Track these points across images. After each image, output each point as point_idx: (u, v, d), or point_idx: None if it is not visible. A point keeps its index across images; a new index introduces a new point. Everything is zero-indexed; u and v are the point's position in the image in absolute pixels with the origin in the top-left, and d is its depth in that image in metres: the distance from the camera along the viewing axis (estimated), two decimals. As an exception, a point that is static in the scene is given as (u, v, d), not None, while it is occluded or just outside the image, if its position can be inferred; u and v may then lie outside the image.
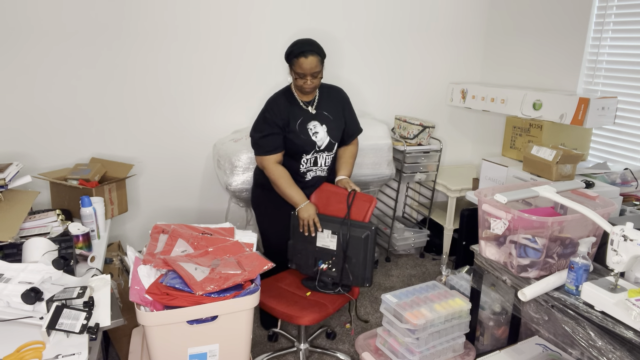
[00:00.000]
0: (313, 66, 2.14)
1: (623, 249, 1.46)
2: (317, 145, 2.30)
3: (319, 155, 2.33)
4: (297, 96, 2.31)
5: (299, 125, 2.28)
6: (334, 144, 2.36)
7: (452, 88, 3.36)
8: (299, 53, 2.13)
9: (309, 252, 2.25)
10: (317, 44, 2.19)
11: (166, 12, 2.77)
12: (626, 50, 2.63)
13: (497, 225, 1.79)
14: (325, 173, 2.41)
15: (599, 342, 1.50)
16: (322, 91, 2.36)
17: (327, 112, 2.33)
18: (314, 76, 2.18)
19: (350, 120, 2.43)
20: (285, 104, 2.29)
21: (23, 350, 1.28)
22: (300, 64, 2.14)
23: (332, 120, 2.33)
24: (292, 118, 2.28)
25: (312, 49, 2.14)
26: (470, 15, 3.50)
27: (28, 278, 1.51)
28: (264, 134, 2.26)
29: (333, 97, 2.38)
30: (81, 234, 1.90)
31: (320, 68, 2.19)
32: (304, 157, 2.32)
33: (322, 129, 2.31)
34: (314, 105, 2.33)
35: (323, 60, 2.21)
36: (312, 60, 2.13)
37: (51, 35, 2.59)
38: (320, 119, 2.32)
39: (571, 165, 2.36)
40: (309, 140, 2.28)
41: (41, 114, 2.67)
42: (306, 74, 2.16)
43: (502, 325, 2.28)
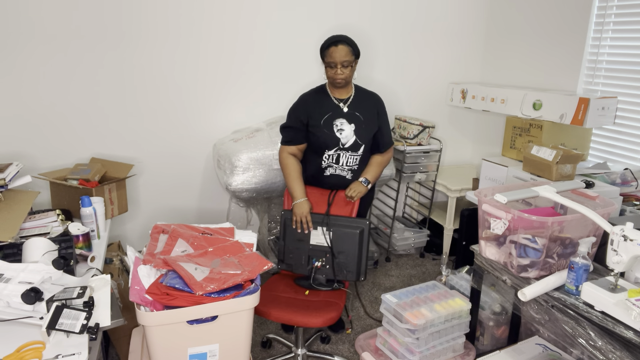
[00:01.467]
0: (343, 55, 2.19)
1: (623, 249, 1.46)
2: (341, 142, 2.31)
3: (342, 153, 2.33)
4: (331, 92, 2.36)
5: (324, 121, 2.31)
6: (361, 145, 2.34)
7: (452, 88, 3.36)
8: (330, 43, 2.21)
9: (302, 251, 2.28)
10: (350, 38, 2.26)
11: (166, 13, 2.77)
12: (626, 50, 2.63)
13: (497, 225, 1.79)
14: (347, 174, 2.38)
15: (599, 342, 1.50)
16: (358, 92, 2.39)
17: (359, 113, 2.34)
18: (344, 66, 2.22)
19: (385, 130, 2.42)
20: (314, 100, 2.35)
21: (23, 350, 1.28)
22: (330, 53, 2.21)
23: (362, 122, 2.33)
24: (319, 112, 2.32)
25: (343, 39, 2.21)
26: (470, 15, 3.50)
27: (28, 278, 1.51)
28: (286, 125, 2.37)
29: (369, 100, 2.39)
30: (81, 234, 1.90)
31: (352, 59, 2.23)
32: (326, 153, 2.33)
33: (349, 128, 2.31)
34: (348, 103, 2.35)
35: (356, 54, 2.24)
36: (343, 49, 2.19)
37: (51, 36, 2.59)
38: (350, 117, 2.32)
39: (571, 165, 2.36)
40: (332, 135, 2.30)
41: (41, 114, 2.67)
42: (336, 62, 2.21)
43: (502, 325, 2.28)
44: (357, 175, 2.40)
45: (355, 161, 2.37)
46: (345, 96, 2.36)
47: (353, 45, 2.24)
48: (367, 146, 2.37)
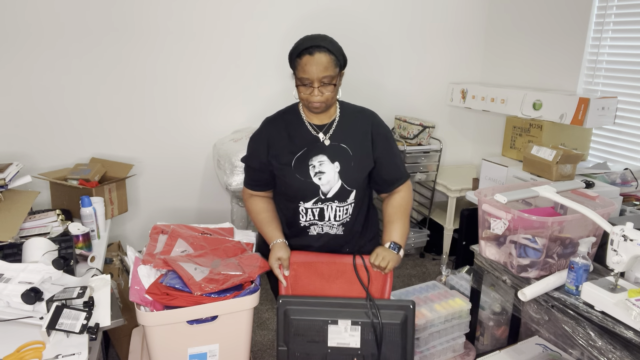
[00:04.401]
0: (321, 68, 1.52)
1: (623, 249, 1.46)
2: (322, 191, 1.64)
3: (326, 205, 1.66)
4: (306, 116, 1.69)
5: (297, 160, 1.64)
6: (350, 192, 1.66)
7: (452, 88, 3.36)
8: (302, 50, 1.54)
9: (315, 358, 1.54)
10: (332, 40, 1.59)
11: (165, 12, 2.77)
12: (626, 50, 2.63)
13: (497, 225, 1.79)
14: (339, 231, 1.72)
15: (599, 342, 1.50)
16: (345, 113, 1.71)
17: (347, 145, 1.66)
18: (325, 83, 1.55)
19: (388, 161, 1.71)
20: (280, 129, 1.69)
21: (23, 350, 1.28)
22: (303, 65, 1.54)
23: (350, 157, 1.65)
24: (288, 148, 1.66)
25: (322, 45, 1.53)
26: (470, 15, 3.50)
27: (28, 278, 1.51)
28: (245, 160, 1.78)
29: (360, 124, 1.70)
30: (81, 234, 1.90)
31: (335, 73, 1.56)
32: (302, 206, 1.67)
33: (332, 169, 1.63)
34: (330, 132, 1.67)
35: (340, 64, 1.59)
36: (321, 59, 1.52)
37: (51, 36, 2.58)
38: (332, 153, 1.65)
39: (571, 165, 2.36)
40: (309, 182, 1.63)
41: (41, 114, 2.67)
42: (312, 79, 1.53)
43: (502, 325, 2.28)
44: (353, 228, 1.75)
45: (347, 212, 1.70)
46: (327, 121, 1.68)
47: (337, 53, 1.56)
48: (362, 190, 1.71)
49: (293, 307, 1.53)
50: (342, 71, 1.62)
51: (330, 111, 1.69)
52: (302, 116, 1.70)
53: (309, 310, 1.53)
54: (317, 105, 1.58)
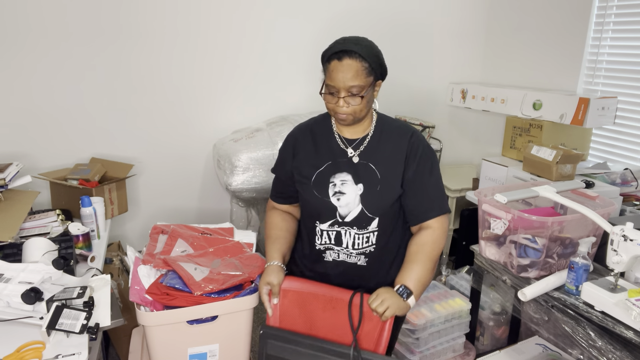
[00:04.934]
0: (349, 76, 1.37)
1: (623, 249, 1.46)
2: (339, 213, 1.49)
3: (344, 230, 1.50)
4: (336, 128, 1.55)
5: (318, 175, 1.51)
6: (372, 219, 1.48)
7: (452, 88, 3.36)
8: (332, 55, 1.39)
9: None
10: (369, 44, 1.45)
11: (166, 12, 2.77)
12: (626, 50, 2.63)
13: (497, 225, 1.79)
14: (361, 261, 1.53)
15: (599, 342, 1.50)
16: (381, 129, 1.54)
17: (376, 166, 1.49)
18: (353, 94, 1.39)
19: (417, 188, 1.49)
20: (309, 140, 1.56)
21: (23, 350, 1.28)
22: (330, 72, 1.39)
23: (377, 180, 1.47)
24: (312, 161, 1.53)
25: (353, 49, 1.38)
26: (470, 15, 3.50)
27: (28, 278, 1.51)
28: (274, 171, 1.68)
29: (396, 143, 1.51)
30: (81, 234, 1.90)
31: (365, 83, 1.39)
32: (318, 226, 1.53)
33: (354, 190, 1.48)
34: (360, 148, 1.51)
35: (375, 73, 1.43)
36: (350, 65, 1.37)
37: (51, 36, 2.58)
38: (358, 173, 1.49)
39: (571, 165, 2.36)
40: (326, 202, 1.49)
41: (41, 114, 2.67)
42: (338, 87, 1.38)
43: (502, 325, 2.28)
44: (381, 260, 1.54)
45: (368, 241, 1.51)
46: (359, 135, 1.53)
47: (371, 59, 1.41)
48: (389, 218, 1.51)
49: (273, 341, 1.45)
50: (378, 81, 1.47)
51: (364, 124, 1.53)
52: (333, 127, 1.55)
53: (289, 349, 1.42)
54: (343, 117, 1.43)
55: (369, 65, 1.40)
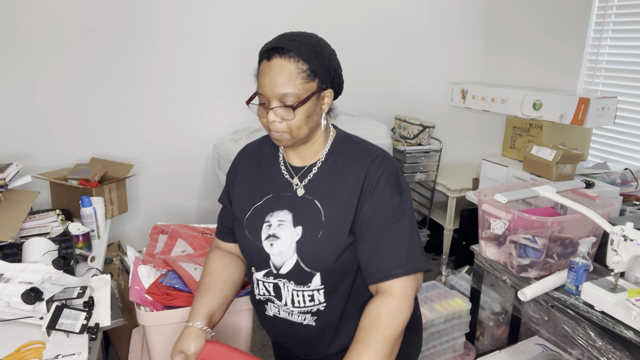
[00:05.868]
0: (279, 81, 1.05)
1: (623, 249, 1.46)
2: (272, 262, 1.16)
3: (282, 283, 1.17)
4: (283, 151, 1.23)
5: (254, 211, 1.20)
6: (312, 275, 1.13)
7: (452, 88, 3.36)
8: (262, 54, 1.12)
9: None
10: (313, 42, 1.09)
11: (165, 11, 2.77)
12: (626, 50, 2.63)
13: (497, 225, 1.79)
14: (304, 319, 1.18)
15: (599, 342, 1.50)
16: (336, 153, 1.18)
17: (322, 203, 1.14)
18: (286, 104, 1.06)
19: (377, 240, 1.11)
20: (252, 165, 1.27)
21: (23, 350, 1.28)
22: (259, 75, 1.11)
23: (320, 224, 1.12)
24: (250, 193, 1.24)
25: (287, 46, 1.06)
26: (470, 15, 3.50)
27: (28, 278, 1.51)
28: (221, 203, 1.38)
29: (352, 173, 1.14)
30: (81, 234, 1.90)
31: (302, 91, 1.06)
32: (254, 275, 1.22)
33: (290, 235, 1.14)
34: (307, 177, 1.18)
35: (320, 78, 1.09)
36: (281, 67, 1.05)
37: (51, 36, 2.58)
38: (300, 211, 1.15)
39: (571, 165, 2.36)
40: (257, 246, 1.18)
41: (41, 114, 2.67)
42: (267, 96, 1.07)
43: (502, 325, 2.28)
44: (333, 321, 1.18)
45: (313, 300, 1.16)
46: (308, 161, 1.19)
47: (312, 60, 1.06)
48: (334, 275, 1.14)
49: None
50: (325, 90, 1.11)
51: (315, 147, 1.18)
52: (280, 150, 1.24)
53: None
54: (276, 135, 1.10)
55: (308, 67, 1.06)
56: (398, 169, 1.17)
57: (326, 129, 1.20)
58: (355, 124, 2.99)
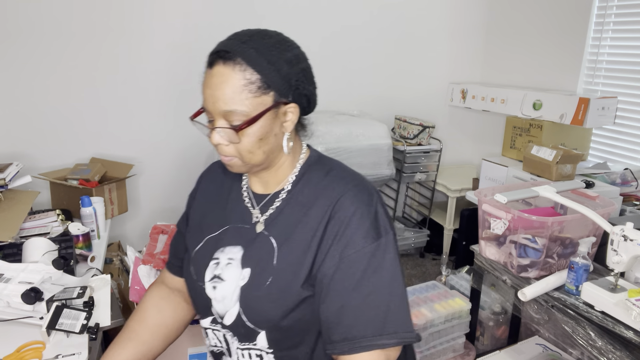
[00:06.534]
0: (221, 94, 0.87)
1: (623, 249, 1.46)
2: (215, 309, 0.96)
3: (230, 335, 0.96)
4: (248, 177, 1.04)
5: (206, 243, 1.01)
6: (255, 333, 0.92)
7: (452, 88, 3.36)
8: (208, 59, 0.92)
9: None
10: (267, 42, 0.87)
11: (165, 11, 2.77)
12: (626, 50, 2.63)
13: (497, 225, 1.79)
14: None
15: (599, 342, 1.50)
16: (303, 182, 0.96)
17: (279, 242, 0.93)
18: (231, 123, 0.87)
19: (341, 300, 0.87)
20: (217, 185, 1.09)
21: (23, 350, 1.28)
22: (203, 86, 0.94)
23: (272, 268, 0.91)
24: (207, 222, 1.05)
25: (233, 49, 0.86)
26: (470, 15, 3.50)
27: (28, 278, 1.51)
28: (177, 228, 1.16)
29: (316, 209, 0.92)
30: (81, 234, 1.90)
31: (252, 106, 0.85)
32: (201, 322, 1.02)
33: (236, 278, 0.94)
34: (270, 209, 0.97)
35: (277, 89, 0.87)
36: (224, 76, 0.86)
37: (50, 35, 2.58)
38: (253, 249, 0.95)
39: (571, 165, 2.36)
40: (199, 288, 0.98)
41: (41, 114, 2.67)
42: (210, 112, 0.92)
43: (502, 325, 2.28)
44: None
45: None
46: (272, 189, 0.98)
47: (265, 66, 0.85)
48: (285, 336, 0.92)
49: None
50: (286, 105, 0.88)
51: (280, 173, 0.97)
52: (244, 175, 1.05)
53: None
54: (225, 160, 0.91)
55: (260, 77, 0.84)
56: (379, 204, 0.92)
57: (295, 151, 0.98)
58: (355, 124, 2.99)
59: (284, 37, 0.92)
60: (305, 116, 0.99)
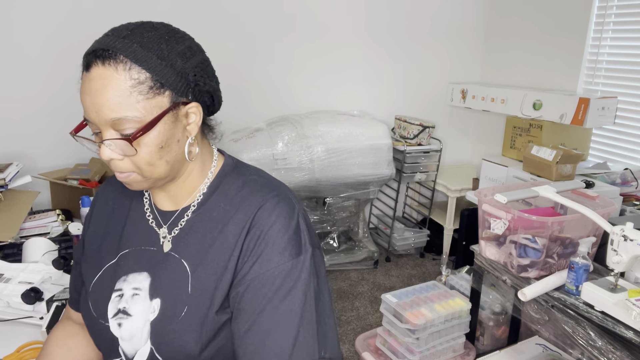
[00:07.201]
0: (104, 102, 0.72)
1: (623, 249, 1.46)
2: (122, 350, 0.83)
3: None
4: (151, 193, 0.90)
5: (104, 273, 0.87)
6: None
7: (452, 88, 3.36)
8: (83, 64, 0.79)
9: None
10: (152, 35, 0.75)
11: (166, 10, 2.77)
12: (626, 50, 2.63)
13: (497, 225, 1.79)
14: None
15: (599, 342, 1.50)
16: (217, 194, 0.85)
17: (191, 263, 0.81)
18: (122, 132, 0.74)
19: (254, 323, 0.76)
20: (116, 202, 0.93)
21: (23, 350, 1.28)
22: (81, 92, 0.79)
23: (186, 296, 0.79)
24: (105, 247, 0.90)
25: (111, 48, 0.72)
26: (470, 15, 3.50)
27: (28, 278, 1.51)
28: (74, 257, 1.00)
29: (234, 223, 0.80)
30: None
31: (145, 111, 0.73)
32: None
33: (144, 311, 0.81)
34: (179, 226, 0.84)
35: (173, 86, 0.75)
36: (104, 79, 0.72)
37: (50, 35, 2.58)
38: (162, 274, 0.82)
39: (571, 165, 2.36)
40: (101, 326, 0.84)
41: (41, 114, 2.67)
42: (93, 122, 0.78)
43: (502, 325, 2.28)
44: None
45: None
46: (180, 204, 0.86)
47: (154, 61, 0.72)
48: None
49: None
50: (187, 105, 0.78)
51: (189, 183, 0.85)
52: (146, 192, 0.91)
53: None
54: (121, 177, 0.79)
55: (151, 75, 0.72)
56: (301, 217, 0.81)
57: (204, 157, 0.86)
58: (355, 124, 2.99)
59: (173, 27, 0.79)
60: (211, 116, 0.90)
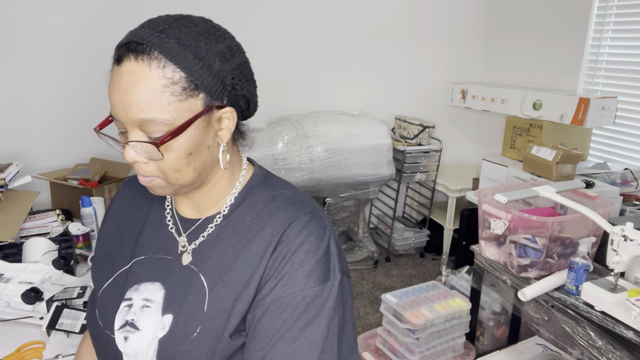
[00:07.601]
0: (132, 101, 0.66)
1: (623, 249, 1.46)
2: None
3: None
4: (173, 198, 0.84)
5: (115, 280, 0.81)
6: None
7: (452, 88, 3.36)
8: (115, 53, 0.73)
9: None
10: (183, 27, 0.68)
11: (165, 9, 2.77)
12: (626, 50, 2.63)
13: (497, 225, 1.79)
14: None
15: (599, 342, 1.50)
16: (246, 202, 0.78)
17: (210, 281, 0.73)
18: (150, 135, 0.67)
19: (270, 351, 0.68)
20: (134, 206, 0.87)
21: (23, 350, 1.28)
22: (109, 88, 0.73)
23: (202, 315, 0.72)
24: (119, 249, 0.83)
25: (146, 42, 0.65)
26: (470, 15, 3.50)
27: (28, 278, 1.51)
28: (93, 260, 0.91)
29: (258, 239, 0.73)
30: (81, 234, 1.90)
31: (176, 113, 0.66)
32: None
33: (153, 327, 0.73)
34: (201, 237, 0.77)
35: (209, 89, 0.67)
36: (135, 76, 0.66)
37: (50, 35, 2.58)
38: (177, 287, 0.75)
39: (571, 165, 2.36)
40: (106, 337, 0.77)
41: (41, 114, 2.67)
42: (120, 121, 0.70)
43: (502, 325, 2.28)
44: None
45: None
46: (204, 212, 0.79)
47: (191, 60, 0.65)
48: None
49: None
50: (221, 109, 0.71)
51: (216, 192, 0.78)
52: (168, 197, 0.84)
53: None
54: (144, 181, 0.72)
55: (186, 75, 0.66)
56: (333, 240, 0.74)
57: (234, 165, 0.79)
58: (355, 124, 2.99)
59: (213, 24, 0.72)
60: (244, 122, 0.83)
